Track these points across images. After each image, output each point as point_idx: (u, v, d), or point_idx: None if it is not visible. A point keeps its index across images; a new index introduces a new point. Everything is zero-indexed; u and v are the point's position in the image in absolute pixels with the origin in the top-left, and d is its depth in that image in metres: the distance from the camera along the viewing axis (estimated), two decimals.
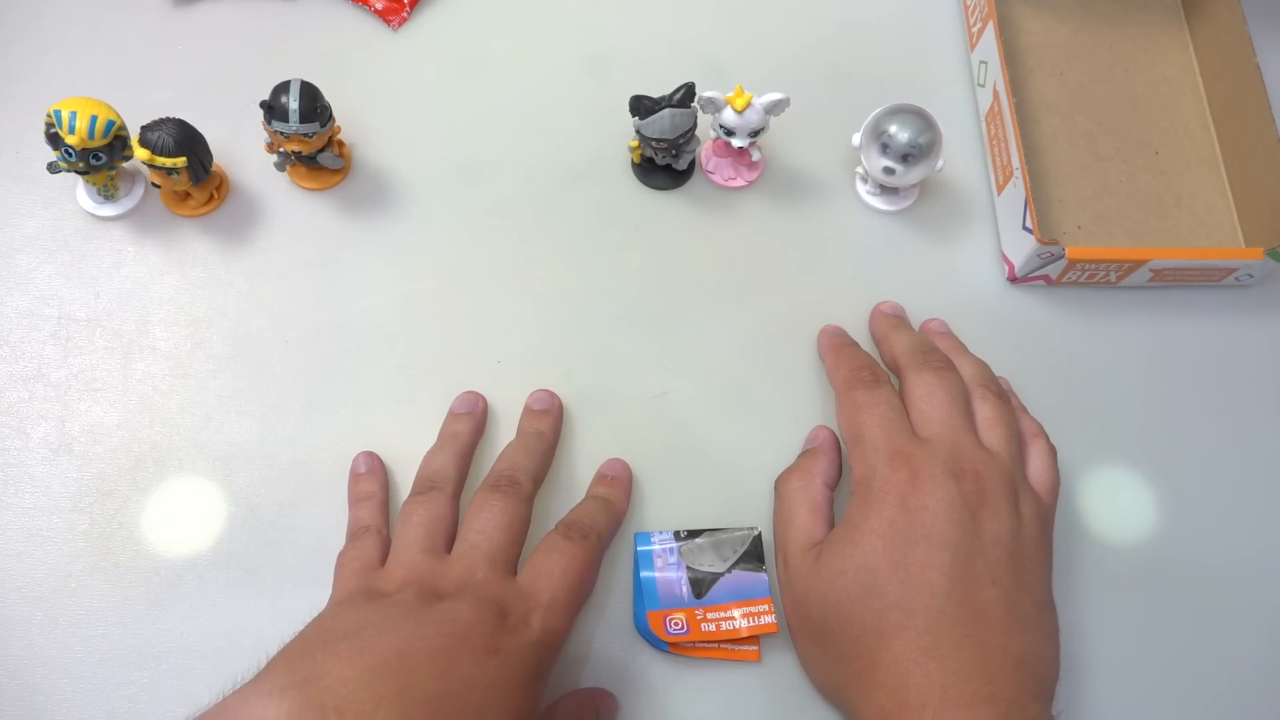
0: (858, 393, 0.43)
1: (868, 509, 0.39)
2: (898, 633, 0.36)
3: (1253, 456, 0.49)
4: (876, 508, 0.39)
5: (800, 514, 0.42)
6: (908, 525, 0.38)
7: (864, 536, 0.38)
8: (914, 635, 0.36)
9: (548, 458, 0.45)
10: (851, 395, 0.44)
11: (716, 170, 0.53)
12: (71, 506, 0.45)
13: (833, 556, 0.39)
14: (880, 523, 0.38)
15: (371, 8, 0.57)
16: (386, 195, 0.52)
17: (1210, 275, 0.50)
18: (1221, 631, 0.45)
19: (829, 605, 0.39)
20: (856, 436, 0.42)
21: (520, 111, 0.55)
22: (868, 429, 0.42)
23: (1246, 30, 0.54)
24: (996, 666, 0.35)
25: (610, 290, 0.51)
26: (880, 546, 0.38)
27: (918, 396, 0.43)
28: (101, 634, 0.43)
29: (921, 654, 0.36)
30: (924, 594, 0.37)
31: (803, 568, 0.40)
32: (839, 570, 0.39)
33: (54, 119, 0.45)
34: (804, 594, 0.40)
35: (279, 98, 0.47)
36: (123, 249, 0.50)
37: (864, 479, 0.40)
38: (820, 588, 0.39)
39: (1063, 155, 0.55)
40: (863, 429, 0.42)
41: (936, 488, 0.38)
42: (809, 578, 0.40)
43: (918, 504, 0.38)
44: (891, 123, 0.49)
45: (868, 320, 0.50)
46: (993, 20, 0.54)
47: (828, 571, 0.39)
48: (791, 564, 0.41)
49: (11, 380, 0.47)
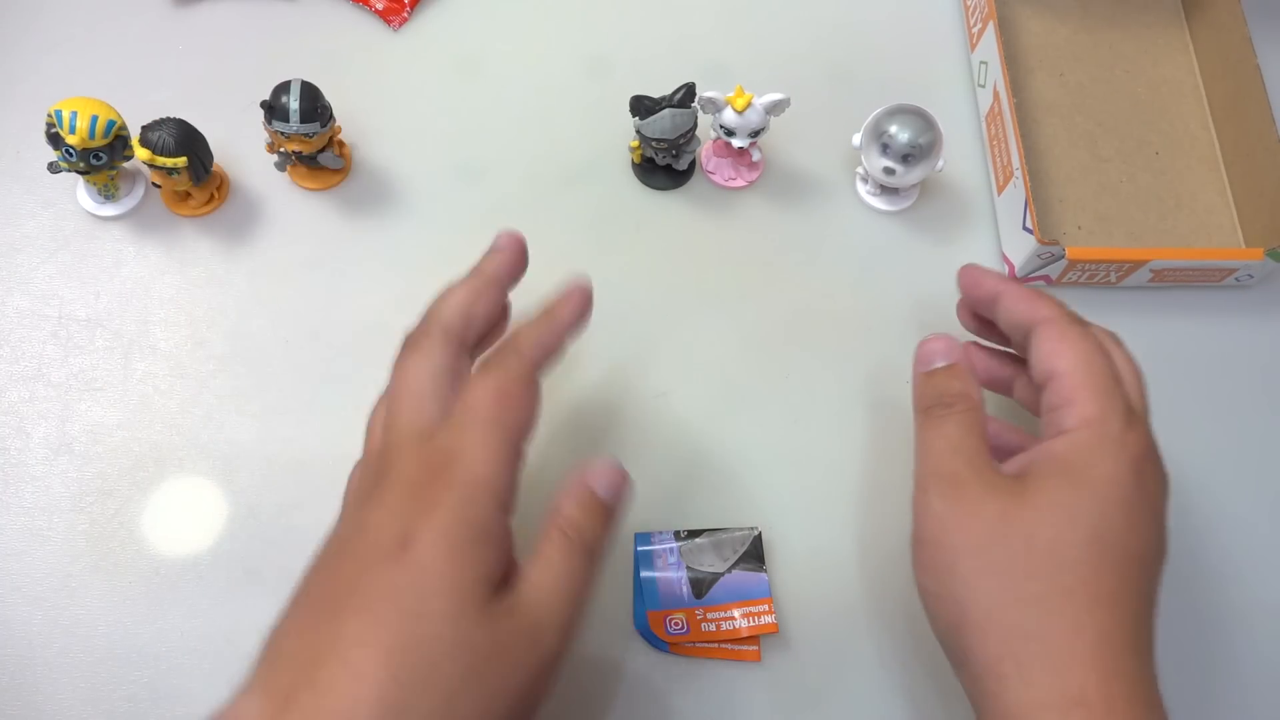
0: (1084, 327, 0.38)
1: (1102, 456, 0.34)
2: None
3: (1253, 456, 0.49)
4: (1113, 459, 0.34)
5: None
6: (1138, 493, 0.35)
7: (1098, 484, 0.34)
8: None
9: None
10: (1081, 327, 0.38)
11: (717, 170, 0.53)
12: (71, 506, 0.45)
13: (1055, 490, 0.34)
14: (1119, 472, 0.34)
15: (371, 8, 0.57)
16: (387, 195, 0.52)
17: (1210, 276, 0.50)
18: (1221, 631, 0.45)
19: (1038, 542, 0.33)
20: (1091, 370, 0.36)
21: (520, 111, 0.55)
22: (1112, 367, 0.37)
23: (1246, 30, 0.54)
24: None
25: (610, 290, 0.51)
26: (1118, 498, 0.34)
27: (1123, 363, 0.38)
28: (101, 634, 0.43)
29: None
30: (1140, 573, 0.34)
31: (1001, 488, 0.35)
32: (1065, 506, 0.34)
33: (54, 119, 0.45)
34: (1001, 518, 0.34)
35: (279, 98, 0.47)
36: (123, 249, 0.50)
37: (1096, 420, 0.35)
38: (1033, 518, 0.34)
39: (1063, 156, 0.55)
40: (1103, 366, 0.36)
41: (1159, 472, 0.36)
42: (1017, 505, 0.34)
43: (1151, 476, 0.35)
44: (892, 123, 0.49)
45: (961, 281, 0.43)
46: (993, 20, 0.54)
47: (1048, 505, 0.34)
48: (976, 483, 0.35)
49: (12, 380, 0.47)
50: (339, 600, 0.31)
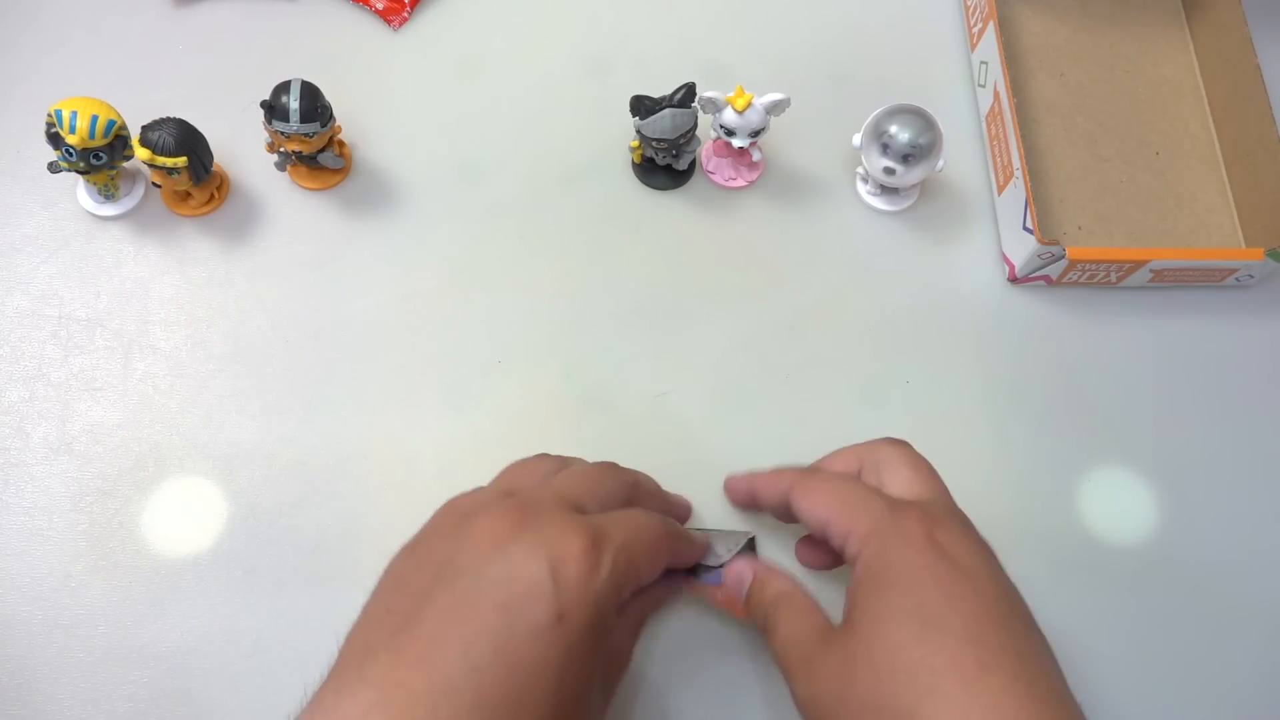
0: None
1: (891, 556, 0.37)
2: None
3: (1253, 456, 0.48)
4: (900, 550, 0.37)
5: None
6: (944, 563, 0.37)
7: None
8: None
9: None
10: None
11: (717, 170, 0.53)
12: (71, 506, 0.45)
13: (872, 608, 0.37)
14: (913, 558, 0.37)
15: (372, 8, 0.57)
16: (387, 195, 0.52)
17: (1210, 275, 0.50)
18: (1221, 631, 0.45)
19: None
20: (844, 500, 0.39)
21: (520, 111, 0.55)
22: (859, 487, 0.40)
23: (1246, 30, 0.54)
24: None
25: (610, 290, 0.51)
26: (928, 579, 0.36)
27: (894, 460, 0.41)
28: (101, 634, 0.43)
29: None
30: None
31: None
32: (885, 616, 0.36)
33: (54, 119, 0.45)
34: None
35: (279, 98, 0.47)
36: (123, 249, 0.50)
37: (871, 532, 0.38)
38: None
39: (1063, 156, 0.55)
40: (852, 489, 0.40)
41: (961, 528, 0.38)
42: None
43: (954, 539, 0.37)
44: (892, 123, 0.49)
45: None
46: (993, 20, 0.54)
47: (871, 624, 0.36)
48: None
49: (12, 380, 0.47)
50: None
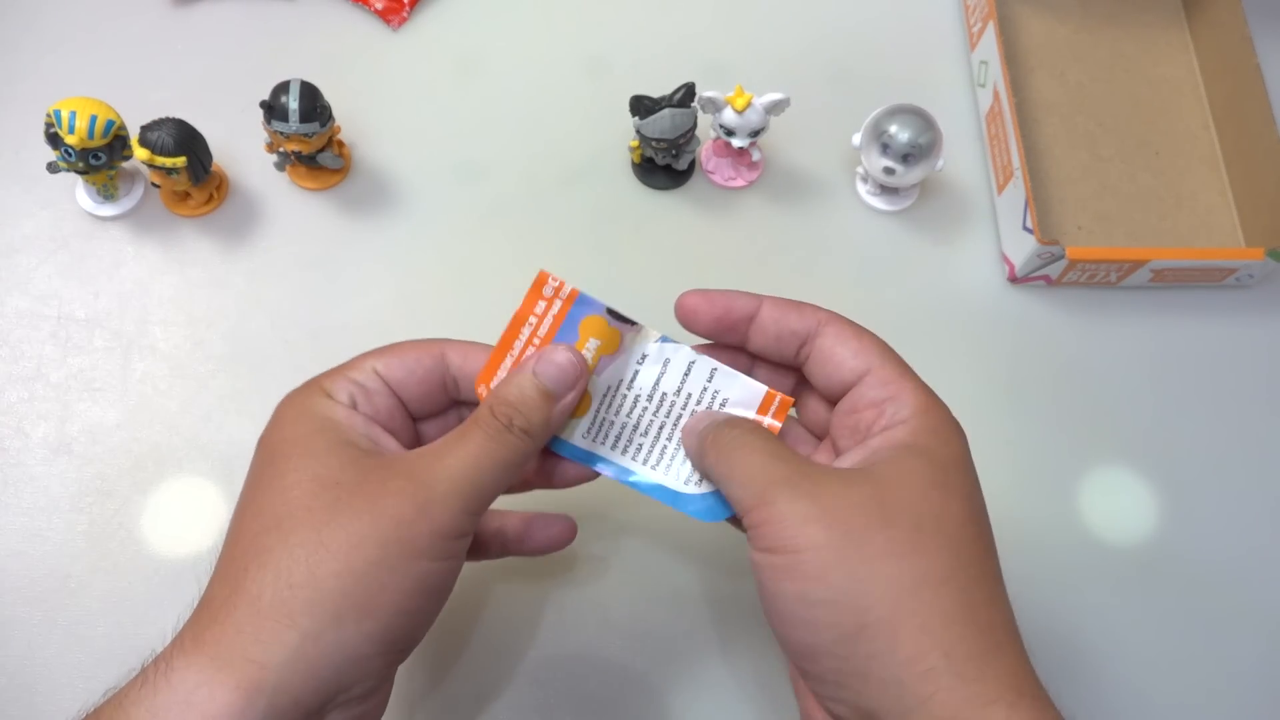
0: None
1: (947, 437, 0.34)
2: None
3: (1253, 456, 0.48)
4: (957, 439, 0.35)
5: None
6: (973, 475, 0.34)
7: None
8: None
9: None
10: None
11: (716, 170, 0.53)
12: (71, 506, 0.45)
13: (923, 471, 0.33)
14: (964, 451, 0.34)
15: (371, 8, 0.57)
16: (386, 195, 0.52)
17: (1210, 275, 0.50)
18: (1221, 631, 0.45)
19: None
20: (899, 361, 0.36)
21: (520, 111, 0.55)
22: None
23: (1247, 30, 0.54)
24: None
25: (610, 290, 0.51)
26: (973, 477, 0.34)
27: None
28: (101, 634, 0.43)
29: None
30: None
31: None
32: (940, 485, 0.33)
33: (54, 119, 0.45)
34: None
35: (279, 98, 0.47)
36: (122, 249, 0.50)
37: (929, 406, 0.35)
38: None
39: (1063, 155, 0.55)
40: (899, 357, 0.36)
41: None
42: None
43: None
44: (892, 123, 0.49)
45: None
46: (993, 20, 0.54)
47: (922, 485, 0.33)
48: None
49: (11, 380, 0.47)
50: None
